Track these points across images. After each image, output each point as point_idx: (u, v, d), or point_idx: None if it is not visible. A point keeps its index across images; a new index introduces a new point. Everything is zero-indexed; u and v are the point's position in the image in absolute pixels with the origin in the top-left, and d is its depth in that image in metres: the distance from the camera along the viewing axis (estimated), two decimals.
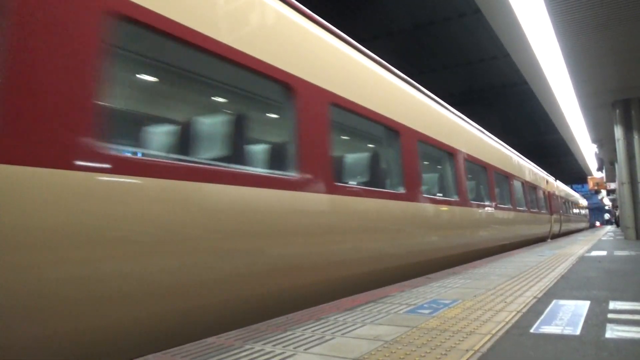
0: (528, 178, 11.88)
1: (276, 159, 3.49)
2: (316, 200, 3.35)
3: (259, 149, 3.73)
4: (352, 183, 4.58)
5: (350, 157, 4.85)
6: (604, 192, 34.33)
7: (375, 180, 4.65)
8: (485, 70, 15.82)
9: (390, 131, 4.84)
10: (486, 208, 7.80)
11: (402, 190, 4.72)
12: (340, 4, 11.47)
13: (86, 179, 1.97)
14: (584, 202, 31.28)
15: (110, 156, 2.08)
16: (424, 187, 5.34)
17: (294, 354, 1.77)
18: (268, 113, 4.35)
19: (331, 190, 3.51)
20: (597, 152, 18.31)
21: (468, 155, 7.18)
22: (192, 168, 2.53)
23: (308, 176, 3.25)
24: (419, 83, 6.08)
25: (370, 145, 6.54)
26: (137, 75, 3.99)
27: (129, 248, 2.12)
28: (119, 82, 3.00)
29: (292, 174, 3.16)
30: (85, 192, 1.95)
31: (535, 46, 7.89)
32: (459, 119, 7.37)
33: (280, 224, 3.00)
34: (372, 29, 12.74)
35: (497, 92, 17.87)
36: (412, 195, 4.86)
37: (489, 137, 9.12)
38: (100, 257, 2.00)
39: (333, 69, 3.81)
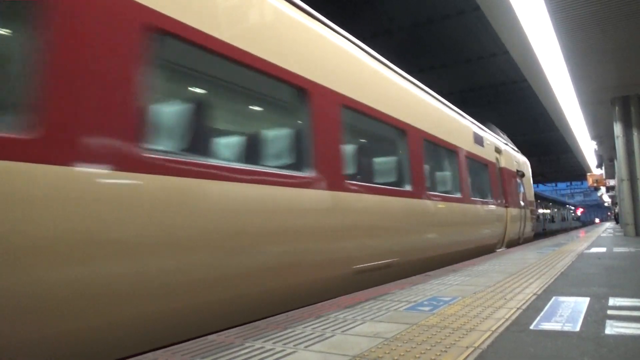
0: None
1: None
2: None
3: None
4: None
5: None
6: (603, 189, 34.35)
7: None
8: (485, 68, 15.77)
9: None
10: None
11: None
12: (340, 2, 11.44)
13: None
14: (513, 157, 10.89)
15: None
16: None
17: (294, 352, 1.78)
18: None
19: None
20: (597, 149, 18.33)
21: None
22: (392, 190, 4.61)
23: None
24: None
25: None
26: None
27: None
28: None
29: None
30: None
31: (535, 43, 7.88)
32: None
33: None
34: (372, 27, 12.70)
35: (497, 90, 17.82)
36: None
37: None
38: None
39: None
